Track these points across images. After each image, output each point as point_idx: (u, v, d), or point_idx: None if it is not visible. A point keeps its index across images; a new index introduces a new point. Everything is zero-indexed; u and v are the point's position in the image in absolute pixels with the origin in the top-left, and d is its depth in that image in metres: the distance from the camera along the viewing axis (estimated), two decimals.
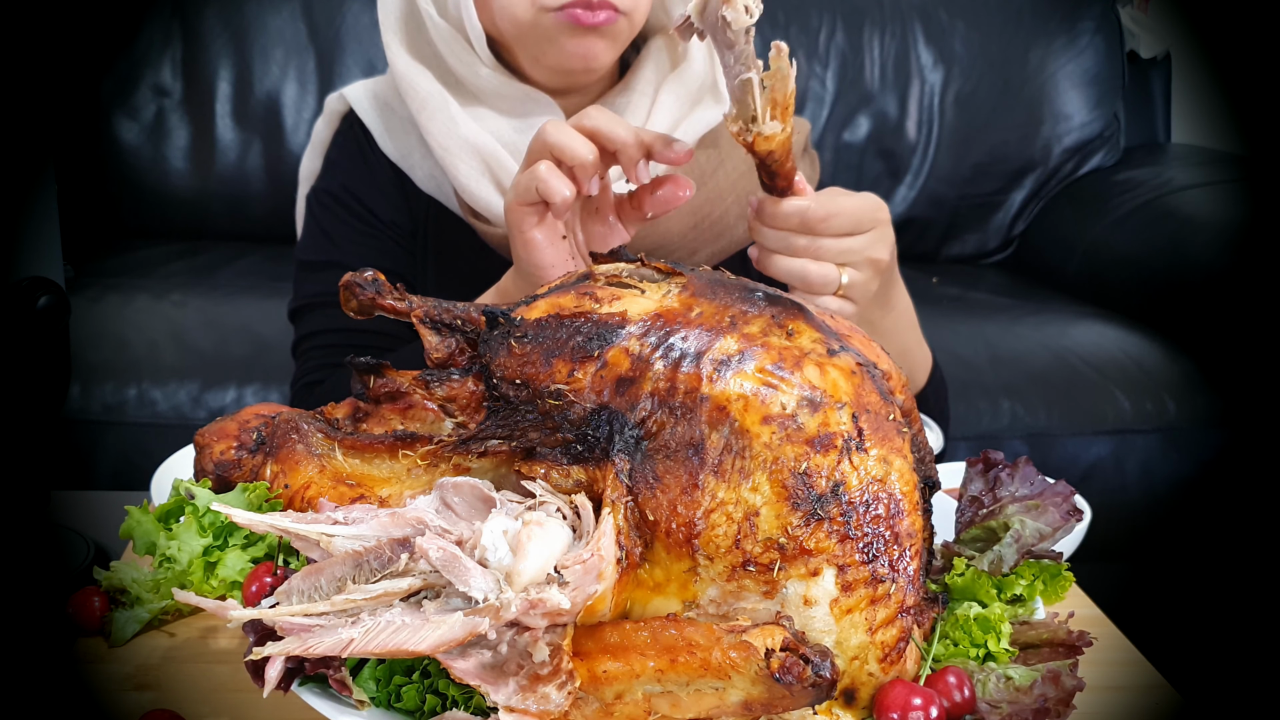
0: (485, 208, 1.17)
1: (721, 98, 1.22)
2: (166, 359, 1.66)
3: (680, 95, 1.21)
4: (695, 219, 1.18)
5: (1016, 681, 0.69)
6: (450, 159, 1.17)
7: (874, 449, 0.67)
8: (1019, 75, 2.32)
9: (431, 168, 1.22)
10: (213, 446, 0.81)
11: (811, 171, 1.27)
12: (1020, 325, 1.93)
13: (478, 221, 1.19)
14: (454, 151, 1.17)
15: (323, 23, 2.19)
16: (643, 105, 1.20)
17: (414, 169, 1.23)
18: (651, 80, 1.21)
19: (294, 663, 0.64)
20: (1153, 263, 1.99)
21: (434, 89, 1.18)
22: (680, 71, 1.21)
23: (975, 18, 2.33)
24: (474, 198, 1.17)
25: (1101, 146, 2.37)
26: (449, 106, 1.17)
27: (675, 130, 1.20)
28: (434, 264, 1.25)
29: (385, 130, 1.24)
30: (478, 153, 1.17)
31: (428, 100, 1.18)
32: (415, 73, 1.18)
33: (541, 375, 0.69)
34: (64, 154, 2.11)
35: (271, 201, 2.17)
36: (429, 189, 1.23)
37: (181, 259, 2.06)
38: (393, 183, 1.25)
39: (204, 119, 2.16)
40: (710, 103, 1.22)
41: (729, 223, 1.19)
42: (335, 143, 1.29)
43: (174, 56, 2.16)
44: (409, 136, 1.23)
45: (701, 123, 1.21)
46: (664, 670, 0.62)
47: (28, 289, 0.85)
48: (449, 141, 1.17)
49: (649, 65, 1.22)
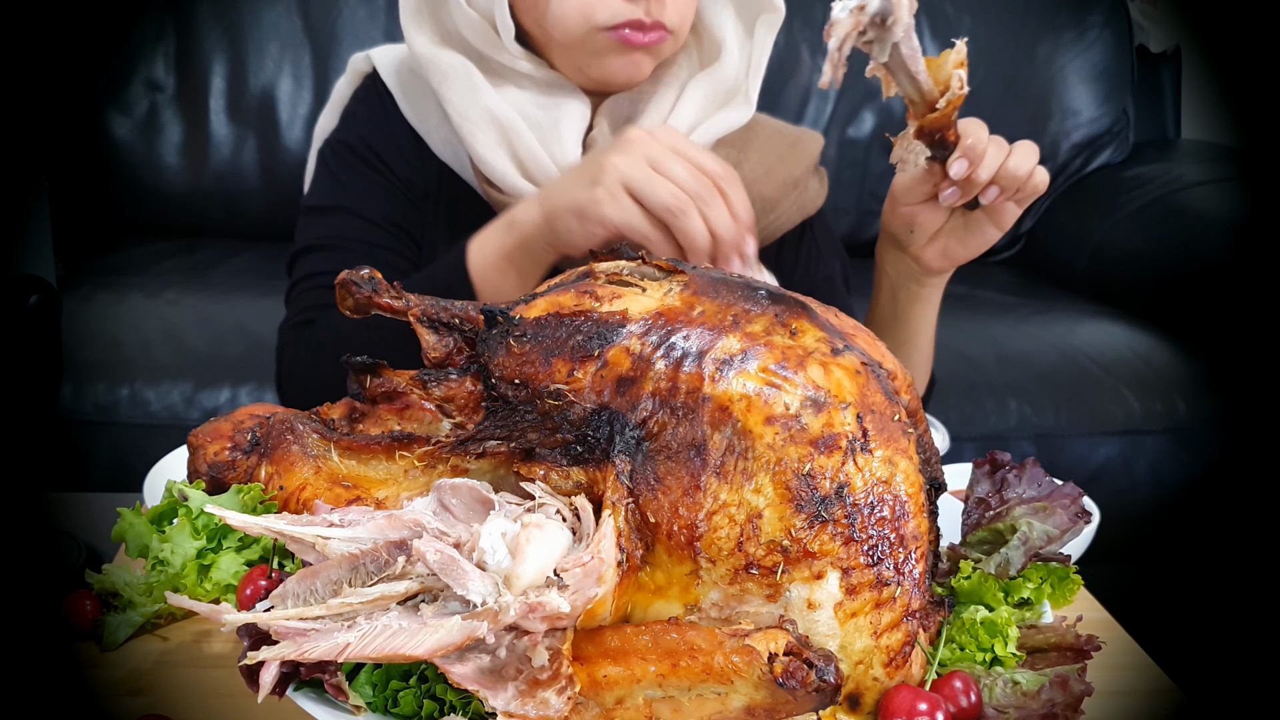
0: (500, 178, 1.17)
1: (749, 105, 1.21)
2: (160, 358, 1.65)
3: (708, 94, 1.20)
4: None
5: (1024, 686, 0.69)
6: (469, 127, 1.17)
7: (879, 450, 0.66)
8: (1026, 70, 2.31)
9: (448, 134, 1.21)
10: (207, 447, 0.80)
11: (820, 189, 1.27)
12: (1027, 324, 1.92)
13: (491, 190, 1.19)
14: (473, 119, 1.17)
15: (318, 17, 2.18)
16: (667, 99, 1.20)
17: (431, 134, 1.23)
18: (680, 76, 1.21)
19: (289, 667, 0.63)
20: (1162, 260, 1.98)
21: (458, 62, 1.18)
22: (711, 71, 1.21)
23: (982, 11, 2.31)
24: (490, 168, 1.17)
25: (1110, 142, 2.36)
26: (472, 76, 1.17)
27: (698, 129, 1.19)
28: (445, 233, 1.24)
29: (405, 95, 1.24)
30: (496, 122, 1.16)
31: (449, 73, 1.17)
32: (437, 53, 1.18)
33: (541, 375, 0.69)
34: (56, 150, 2.10)
35: (266, 198, 2.16)
36: (445, 156, 1.23)
37: (175, 257, 2.05)
38: (411, 145, 1.24)
39: (198, 114, 2.15)
40: (739, 104, 1.21)
41: None
42: (356, 96, 1.29)
43: (167, 51, 2.15)
44: (428, 103, 1.22)
45: (725, 124, 1.21)
46: (665, 675, 0.62)
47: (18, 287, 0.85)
48: (469, 110, 1.17)
49: (682, 59, 1.22)
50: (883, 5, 0.87)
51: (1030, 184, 0.98)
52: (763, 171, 1.21)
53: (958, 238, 1.05)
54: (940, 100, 0.91)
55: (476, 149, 1.17)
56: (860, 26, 0.87)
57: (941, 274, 1.10)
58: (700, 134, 1.19)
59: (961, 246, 1.05)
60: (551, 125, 1.17)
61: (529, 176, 1.17)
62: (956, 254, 1.06)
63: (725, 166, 0.97)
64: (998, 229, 1.03)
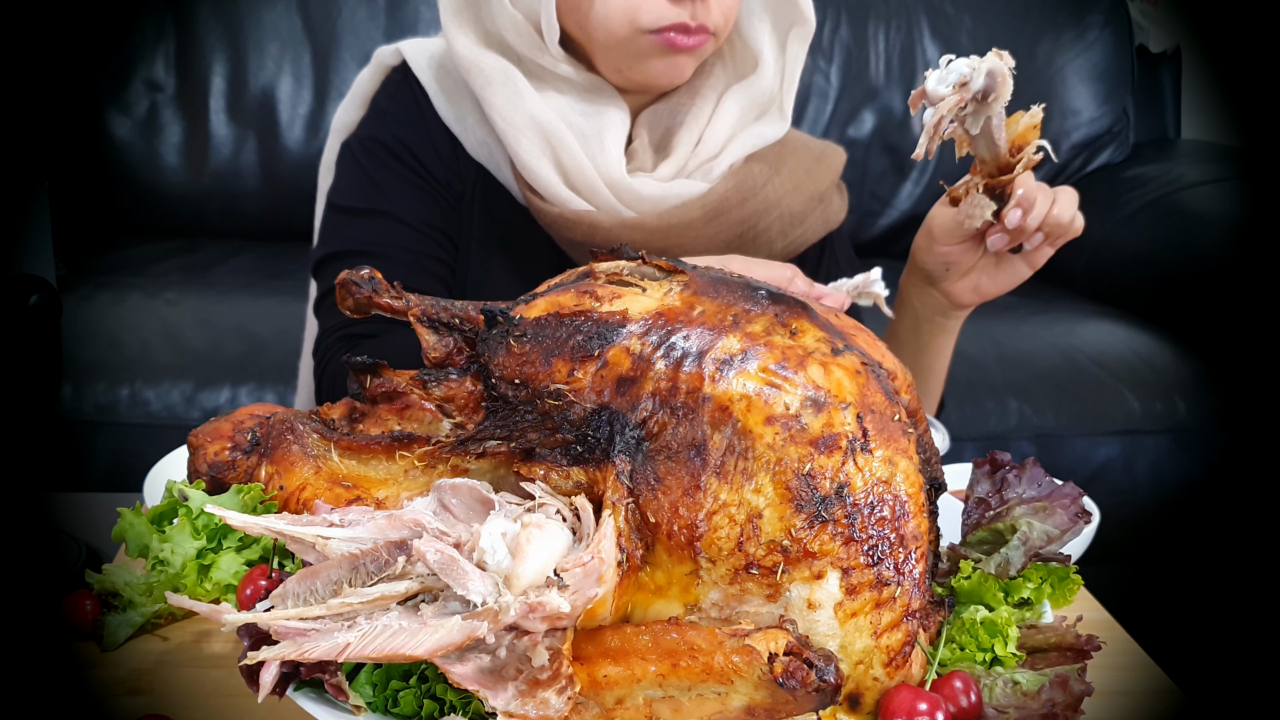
0: (544, 186, 1.16)
1: (784, 120, 1.21)
2: (160, 358, 1.65)
3: (745, 105, 1.20)
4: (740, 229, 1.18)
5: (1024, 686, 0.69)
6: (513, 133, 1.15)
7: (879, 450, 0.66)
8: (1026, 70, 2.31)
9: (485, 135, 1.20)
10: (207, 447, 0.80)
11: (841, 203, 1.27)
12: (1028, 324, 1.92)
13: (533, 197, 1.17)
14: (517, 125, 1.15)
15: (318, 17, 2.17)
16: (705, 110, 1.19)
17: (466, 134, 1.21)
18: (717, 86, 1.21)
19: (289, 667, 0.63)
20: (1162, 260, 1.98)
21: (500, 65, 1.16)
22: (749, 82, 1.20)
23: (982, 11, 2.31)
24: (534, 175, 1.16)
25: (1110, 142, 2.36)
26: (515, 81, 1.16)
27: (732, 142, 1.19)
28: (480, 236, 1.23)
29: (441, 91, 1.21)
30: (541, 129, 1.15)
31: (493, 76, 1.16)
32: (479, 54, 1.17)
33: (541, 375, 0.68)
34: (56, 150, 2.09)
35: (267, 198, 2.16)
36: (480, 157, 1.21)
37: (175, 257, 2.05)
38: (447, 145, 1.22)
39: (198, 114, 2.15)
40: (774, 118, 1.21)
41: (770, 237, 1.20)
42: (386, 91, 1.25)
43: (167, 51, 2.15)
44: (464, 101, 1.20)
45: (760, 137, 1.20)
46: (665, 675, 0.62)
47: (18, 287, 0.85)
48: (514, 115, 1.15)
49: (718, 69, 1.21)
50: (987, 82, 0.89)
51: (1071, 229, 1.01)
52: (791, 186, 1.21)
53: (989, 275, 1.07)
54: (1016, 165, 0.94)
55: (521, 156, 1.15)
56: (963, 103, 0.89)
57: (969, 308, 1.11)
58: (735, 147, 1.19)
59: (993, 283, 1.07)
60: (595, 133, 1.16)
61: (572, 185, 1.16)
62: (988, 290, 1.08)
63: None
64: (1030, 267, 1.06)
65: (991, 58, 0.90)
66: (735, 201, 1.18)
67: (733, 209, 1.18)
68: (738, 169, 1.20)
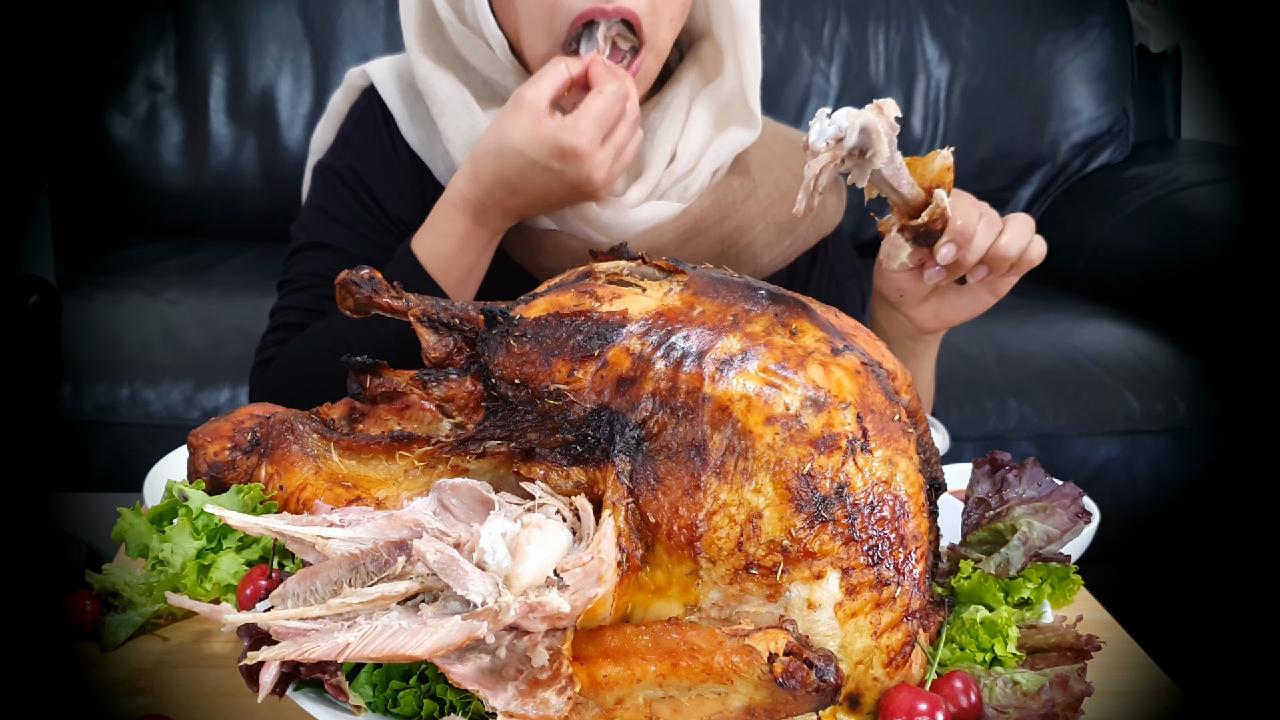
0: None
1: (753, 120, 1.16)
2: (160, 358, 1.65)
3: (713, 111, 1.16)
4: (720, 247, 1.16)
5: (1024, 686, 0.69)
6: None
7: (879, 450, 0.66)
8: (1026, 69, 2.31)
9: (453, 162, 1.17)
10: (207, 447, 0.80)
11: (839, 204, 1.24)
12: (1028, 324, 1.92)
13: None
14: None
15: (318, 16, 2.17)
16: (677, 121, 1.15)
17: (436, 161, 1.19)
18: (687, 94, 1.16)
19: (289, 667, 0.63)
20: (1162, 260, 1.98)
21: (454, 93, 1.14)
22: (714, 86, 1.16)
23: (982, 11, 2.31)
24: None
25: (1110, 142, 2.36)
26: (472, 112, 1.13)
27: (707, 152, 1.15)
28: None
29: (409, 116, 1.19)
30: None
31: (448, 105, 1.13)
32: (436, 77, 1.14)
33: (541, 375, 0.68)
34: (56, 150, 2.09)
35: (266, 198, 2.16)
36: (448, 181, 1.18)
37: (175, 257, 2.05)
38: (409, 173, 1.20)
39: (197, 114, 2.15)
40: (745, 121, 1.16)
41: (755, 251, 1.17)
42: (351, 117, 1.24)
43: (167, 51, 2.15)
44: (433, 125, 1.18)
45: (734, 143, 1.16)
46: (665, 675, 0.62)
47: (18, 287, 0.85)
48: (466, 145, 1.13)
49: (686, 79, 1.17)
50: (860, 140, 0.87)
51: (1024, 259, 0.97)
52: (778, 196, 1.18)
53: (950, 303, 1.04)
54: (923, 213, 0.92)
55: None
56: (837, 159, 0.87)
57: (935, 333, 1.09)
58: (712, 155, 1.15)
59: (954, 311, 1.04)
60: None
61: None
62: (949, 317, 1.05)
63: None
64: (993, 296, 1.02)
65: (868, 113, 0.87)
66: (713, 220, 1.15)
67: (710, 228, 1.15)
68: (717, 185, 1.16)
